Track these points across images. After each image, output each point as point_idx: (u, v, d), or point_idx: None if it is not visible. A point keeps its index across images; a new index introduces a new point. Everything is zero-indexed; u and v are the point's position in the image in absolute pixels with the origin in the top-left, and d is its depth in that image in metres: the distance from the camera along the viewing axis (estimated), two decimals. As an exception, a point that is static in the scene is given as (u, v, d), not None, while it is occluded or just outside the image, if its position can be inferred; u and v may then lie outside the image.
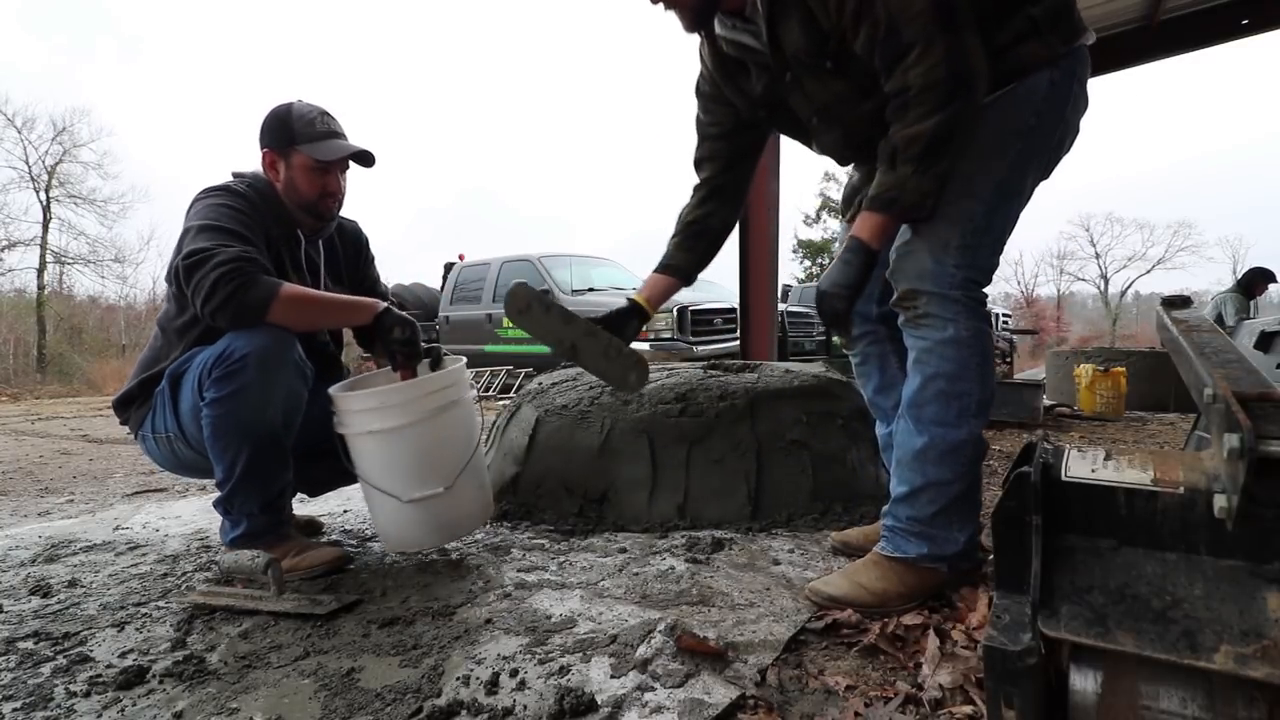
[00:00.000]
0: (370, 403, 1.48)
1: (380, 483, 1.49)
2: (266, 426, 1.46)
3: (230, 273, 1.38)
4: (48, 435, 4.87)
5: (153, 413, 1.58)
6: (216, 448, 1.46)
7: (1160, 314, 1.10)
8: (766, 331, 3.82)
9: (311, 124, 1.61)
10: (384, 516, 1.54)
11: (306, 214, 1.66)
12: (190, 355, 1.52)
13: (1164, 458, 0.69)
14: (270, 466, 1.50)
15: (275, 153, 1.62)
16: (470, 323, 7.23)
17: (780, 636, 1.14)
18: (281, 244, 1.64)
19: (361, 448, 1.52)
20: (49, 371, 15.35)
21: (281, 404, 1.48)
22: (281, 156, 1.62)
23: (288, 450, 1.54)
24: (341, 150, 1.63)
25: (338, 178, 1.67)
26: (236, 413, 1.43)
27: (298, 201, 1.64)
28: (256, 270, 1.43)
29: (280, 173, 1.63)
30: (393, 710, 0.95)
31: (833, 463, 2.02)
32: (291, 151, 1.61)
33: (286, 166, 1.62)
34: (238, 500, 1.50)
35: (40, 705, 0.99)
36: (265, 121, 1.63)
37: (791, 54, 1.24)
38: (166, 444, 1.59)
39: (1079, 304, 36.98)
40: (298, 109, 1.62)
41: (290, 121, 1.60)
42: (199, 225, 1.46)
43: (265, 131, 1.62)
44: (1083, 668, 0.64)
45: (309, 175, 1.62)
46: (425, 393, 1.50)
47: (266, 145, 1.63)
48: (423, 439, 1.51)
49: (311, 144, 1.60)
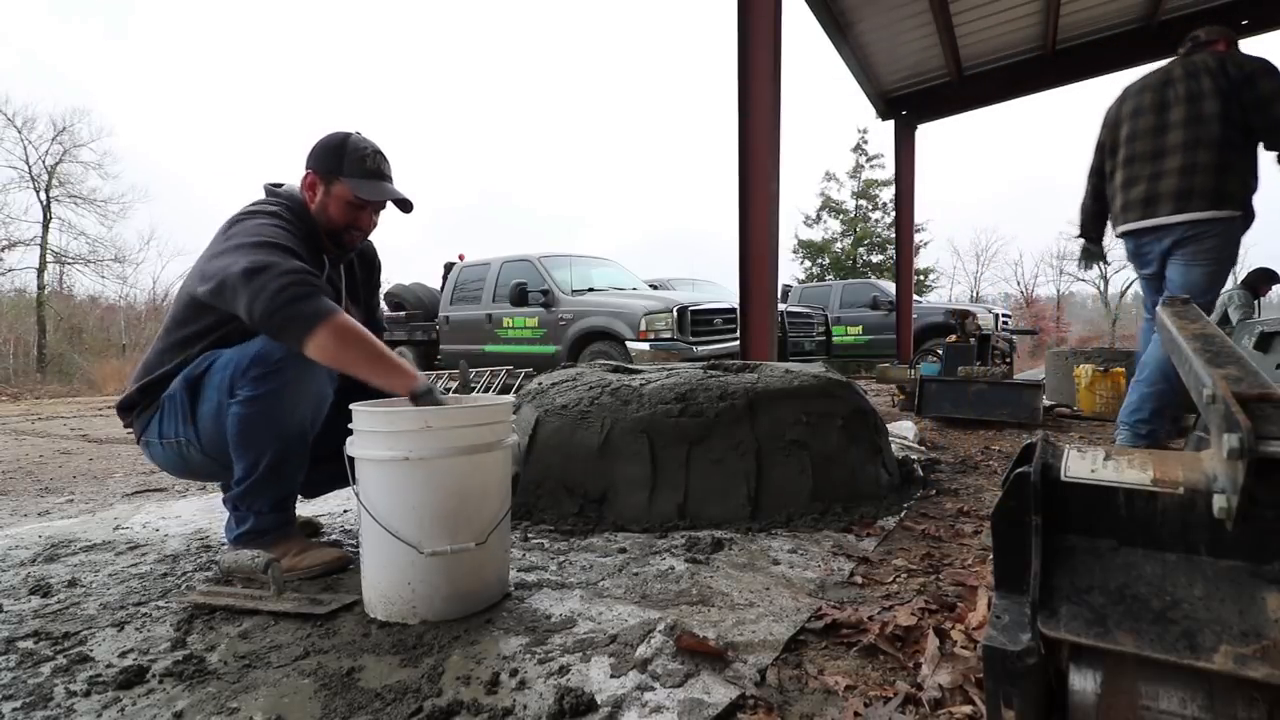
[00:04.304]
0: (406, 424, 1.24)
1: (397, 526, 1.24)
2: (296, 427, 1.49)
3: (295, 282, 1.36)
4: (48, 435, 4.86)
5: (159, 417, 1.57)
6: (243, 446, 1.47)
7: (1160, 314, 1.10)
8: (766, 331, 3.81)
9: (362, 160, 1.63)
10: (391, 572, 1.25)
11: (329, 239, 1.69)
12: (207, 359, 1.52)
13: (1164, 458, 0.69)
14: (291, 467, 1.53)
15: (319, 176, 1.64)
16: (470, 323, 7.23)
17: (780, 636, 1.14)
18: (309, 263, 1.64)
19: (381, 478, 1.25)
20: (49, 371, 15.35)
21: (312, 405, 1.50)
22: (323, 181, 1.64)
23: (308, 452, 1.55)
24: (382, 193, 1.65)
25: (371, 216, 1.70)
26: (270, 412, 1.44)
27: (325, 225, 1.67)
28: (320, 287, 1.41)
29: (317, 195, 1.65)
30: (393, 710, 0.95)
31: (833, 463, 2.02)
32: (335, 180, 1.63)
33: (325, 192, 1.64)
34: (250, 498, 1.51)
35: (40, 705, 0.99)
36: (319, 144, 1.65)
37: None
38: (175, 448, 1.58)
39: (1079, 304, 36.95)
40: (354, 141, 1.64)
41: (343, 153, 1.62)
42: (256, 241, 1.44)
43: (316, 154, 1.64)
44: (1082, 668, 0.64)
45: (344, 207, 1.64)
46: (475, 422, 1.29)
47: (312, 167, 1.64)
48: (462, 478, 1.27)
49: (356, 179, 1.62)
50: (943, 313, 9.35)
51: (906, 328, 8.48)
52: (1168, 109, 2.70)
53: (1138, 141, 2.79)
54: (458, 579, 1.27)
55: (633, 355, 5.63)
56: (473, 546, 1.27)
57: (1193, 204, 2.61)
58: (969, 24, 6.57)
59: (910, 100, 7.98)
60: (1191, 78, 2.65)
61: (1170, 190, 2.67)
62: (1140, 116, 2.79)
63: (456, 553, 1.25)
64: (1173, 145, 2.67)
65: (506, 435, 1.38)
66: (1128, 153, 2.83)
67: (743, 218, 3.84)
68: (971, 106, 7.97)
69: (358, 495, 1.28)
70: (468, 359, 6.99)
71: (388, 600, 1.26)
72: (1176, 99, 2.67)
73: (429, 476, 1.25)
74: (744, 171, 3.83)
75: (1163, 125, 2.71)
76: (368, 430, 1.27)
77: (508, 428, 1.40)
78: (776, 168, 3.81)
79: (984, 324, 6.96)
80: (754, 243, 3.82)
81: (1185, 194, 2.63)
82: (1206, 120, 2.59)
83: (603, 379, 2.22)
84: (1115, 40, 6.67)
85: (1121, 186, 2.87)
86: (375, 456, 1.25)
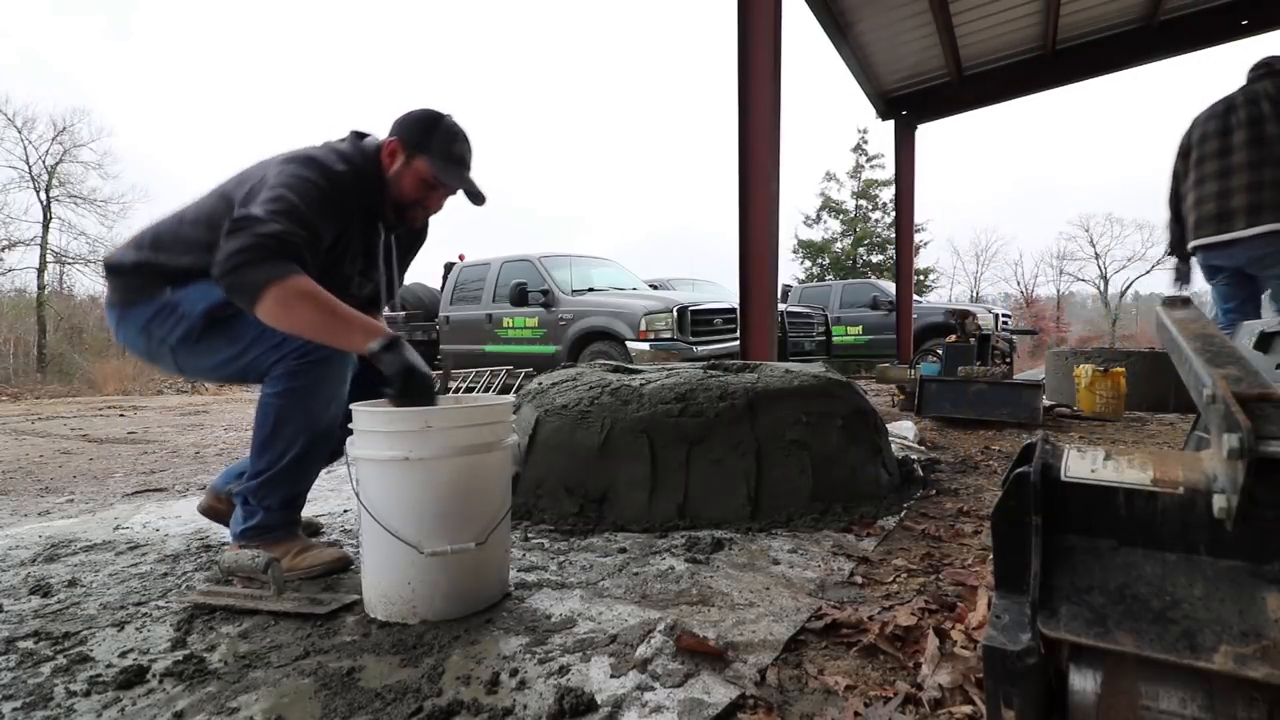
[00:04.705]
0: (406, 424, 1.25)
1: (397, 526, 1.25)
2: (327, 421, 1.50)
3: (252, 246, 1.32)
4: (48, 435, 4.86)
5: (155, 313, 1.52)
6: (272, 436, 1.48)
7: (1160, 314, 1.10)
8: (766, 331, 3.82)
9: (450, 143, 1.61)
10: (391, 572, 1.26)
11: (393, 211, 1.66)
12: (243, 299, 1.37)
13: (1164, 458, 0.69)
14: (313, 462, 1.55)
15: (403, 147, 1.60)
16: (470, 323, 7.23)
17: (780, 636, 1.15)
18: (361, 225, 1.61)
19: (381, 478, 1.26)
20: (49, 371, 15.36)
21: (342, 401, 1.53)
22: (405, 153, 1.60)
23: (329, 450, 1.57)
24: (460, 181, 1.63)
25: (441, 199, 1.69)
26: (306, 404, 1.46)
27: (393, 197, 1.63)
28: (280, 253, 1.34)
29: (395, 164, 1.61)
30: (393, 710, 0.95)
31: (833, 463, 2.02)
32: (417, 156, 1.60)
33: (405, 164, 1.60)
34: (265, 492, 1.52)
35: (40, 705, 0.99)
36: (412, 117, 1.61)
37: None
38: (155, 344, 1.55)
39: (1079, 304, 36.98)
40: (446, 123, 1.62)
41: (434, 132, 1.60)
42: (275, 195, 1.40)
43: (405, 125, 1.61)
44: (1082, 668, 0.64)
45: (419, 184, 1.62)
46: (475, 422, 1.30)
47: (399, 136, 1.60)
48: (463, 478, 1.28)
49: (439, 160, 1.60)
50: (943, 313, 9.35)
51: (906, 328, 8.49)
52: (1231, 133, 2.99)
53: (1206, 164, 3.08)
54: (458, 579, 1.27)
55: (633, 355, 5.63)
56: (473, 546, 1.27)
57: (1264, 217, 2.88)
58: (969, 24, 6.57)
59: (910, 100, 7.98)
60: (1252, 104, 2.94)
61: (1241, 206, 2.94)
62: (1207, 142, 3.08)
63: (457, 553, 1.25)
64: (1238, 165, 2.94)
65: (507, 435, 1.38)
66: (1198, 175, 3.12)
67: (743, 218, 3.84)
68: (971, 106, 7.98)
69: (358, 495, 1.28)
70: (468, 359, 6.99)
71: (388, 600, 1.26)
72: (1239, 124, 2.96)
73: (429, 476, 1.25)
74: (744, 171, 3.84)
75: (1227, 148, 3.00)
76: (368, 430, 1.27)
77: (508, 428, 1.40)
78: (776, 168, 3.82)
79: (984, 324, 6.96)
80: (754, 243, 3.82)
81: (1255, 209, 2.90)
82: (1269, 141, 2.88)
83: (603, 379, 2.22)
84: (1115, 40, 6.67)
85: (1194, 205, 3.15)
86: (375, 456, 1.25)
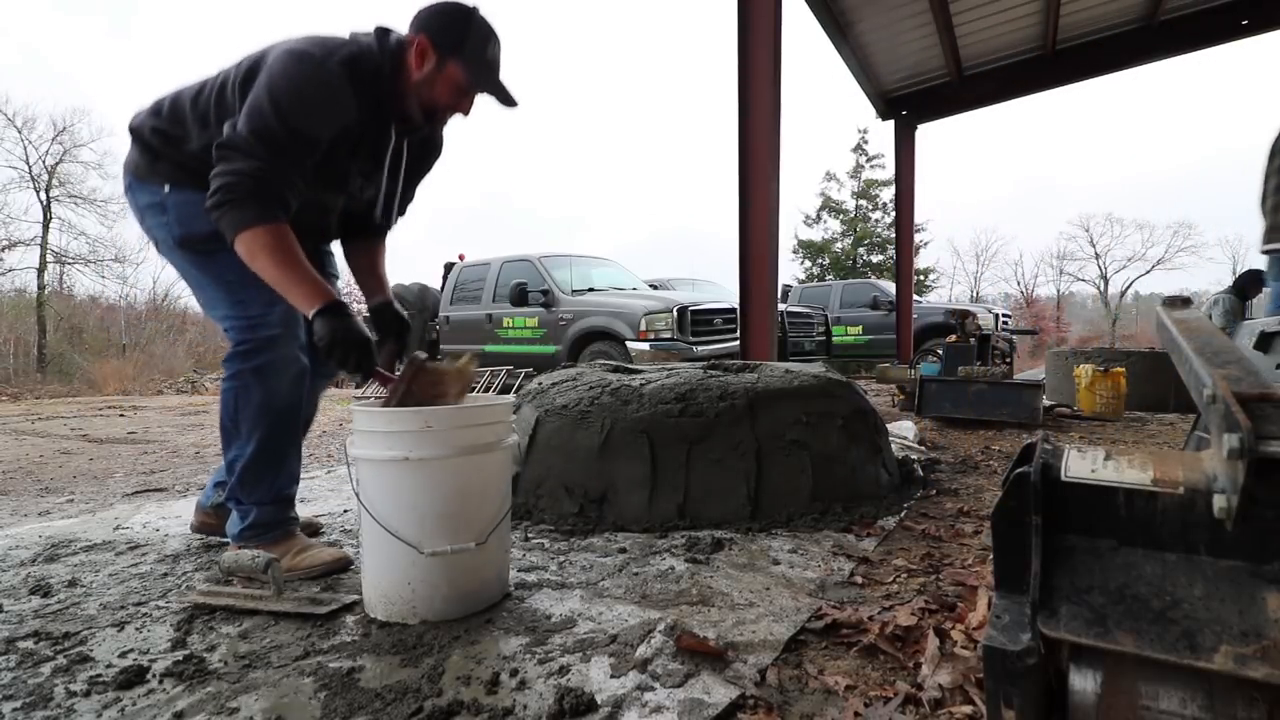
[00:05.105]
0: (406, 424, 1.24)
1: (397, 526, 1.25)
2: (286, 398, 1.52)
3: (232, 185, 1.33)
4: (48, 435, 4.86)
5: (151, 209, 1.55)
6: (235, 422, 1.50)
7: (1160, 314, 1.09)
8: (766, 331, 3.82)
9: (484, 44, 1.49)
10: (391, 572, 1.25)
11: (420, 114, 1.56)
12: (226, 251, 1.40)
13: (1164, 458, 0.69)
14: (284, 443, 1.55)
15: (434, 48, 1.48)
16: (470, 323, 7.23)
17: (780, 636, 1.15)
18: (369, 128, 1.54)
19: (381, 478, 1.26)
20: (49, 371, 15.34)
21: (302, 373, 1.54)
22: (437, 55, 1.48)
23: (301, 434, 1.58)
24: (495, 85, 1.53)
25: (472, 102, 1.57)
26: (262, 382, 1.49)
27: (421, 100, 1.53)
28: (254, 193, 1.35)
29: (424, 67, 1.49)
30: (393, 710, 0.95)
31: (833, 463, 2.02)
32: (449, 59, 1.48)
33: (436, 68, 1.48)
34: (249, 486, 1.52)
35: (40, 705, 0.99)
36: (441, 11, 1.49)
37: None
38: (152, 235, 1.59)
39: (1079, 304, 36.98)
40: (478, 21, 1.49)
41: (468, 30, 1.47)
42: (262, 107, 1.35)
43: (436, 23, 1.48)
44: (1082, 668, 0.64)
45: (452, 89, 1.51)
46: (475, 423, 1.30)
47: (430, 36, 1.47)
48: (463, 478, 1.28)
49: (473, 64, 1.49)
50: (943, 313, 9.35)
51: (906, 328, 8.49)
52: None
53: None
54: (458, 579, 1.27)
55: (633, 355, 5.63)
56: (473, 547, 1.27)
57: None
58: (969, 24, 6.57)
59: (910, 100, 7.99)
60: None
61: None
62: None
63: (457, 553, 1.25)
64: None
65: (507, 435, 1.38)
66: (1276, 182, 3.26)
67: (743, 218, 3.84)
68: (971, 106, 7.98)
69: (358, 495, 1.28)
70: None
71: (388, 600, 1.26)
72: None
73: (429, 476, 1.25)
74: (744, 171, 3.84)
75: None
76: (368, 430, 1.27)
77: (508, 428, 1.40)
78: (776, 168, 3.82)
79: (984, 324, 6.96)
80: (754, 243, 3.82)
81: None
82: None
83: (603, 379, 2.22)
84: (1115, 40, 6.68)
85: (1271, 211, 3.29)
86: (375, 456, 1.25)
